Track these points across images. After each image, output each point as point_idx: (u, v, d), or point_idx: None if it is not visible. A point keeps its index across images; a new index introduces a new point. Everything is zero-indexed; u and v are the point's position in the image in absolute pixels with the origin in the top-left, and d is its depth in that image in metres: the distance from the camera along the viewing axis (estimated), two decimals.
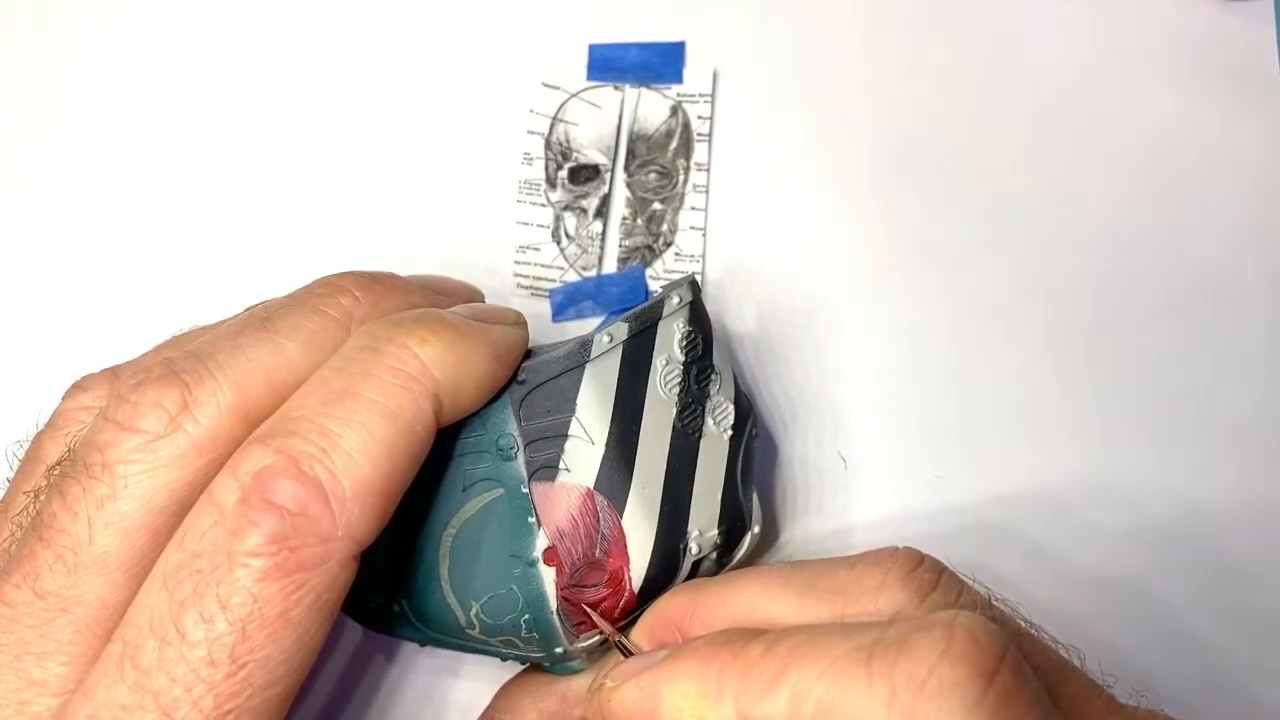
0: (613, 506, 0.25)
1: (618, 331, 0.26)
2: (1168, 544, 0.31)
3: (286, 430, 0.21)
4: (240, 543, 0.20)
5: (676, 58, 0.34)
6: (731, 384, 0.27)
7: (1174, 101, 0.34)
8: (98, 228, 0.34)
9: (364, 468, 0.21)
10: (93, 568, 0.21)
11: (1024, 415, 0.31)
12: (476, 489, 0.25)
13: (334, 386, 0.22)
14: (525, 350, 0.26)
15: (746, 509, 0.27)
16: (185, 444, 0.22)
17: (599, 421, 0.25)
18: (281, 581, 0.20)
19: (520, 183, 0.33)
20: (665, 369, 0.26)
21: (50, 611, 0.21)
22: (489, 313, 0.26)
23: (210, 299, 0.33)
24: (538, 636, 0.25)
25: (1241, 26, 0.34)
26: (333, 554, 0.21)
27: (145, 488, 0.21)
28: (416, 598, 0.25)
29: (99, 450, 0.22)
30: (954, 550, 0.31)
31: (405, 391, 0.22)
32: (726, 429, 0.27)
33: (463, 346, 0.23)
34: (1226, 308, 0.32)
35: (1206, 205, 0.33)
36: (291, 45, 0.35)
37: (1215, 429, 0.31)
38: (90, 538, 0.21)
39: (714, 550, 0.26)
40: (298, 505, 0.20)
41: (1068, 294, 0.32)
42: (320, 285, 0.25)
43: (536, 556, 0.24)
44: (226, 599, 0.20)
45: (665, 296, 0.26)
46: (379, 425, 0.21)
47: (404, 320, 0.23)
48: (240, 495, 0.20)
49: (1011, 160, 0.33)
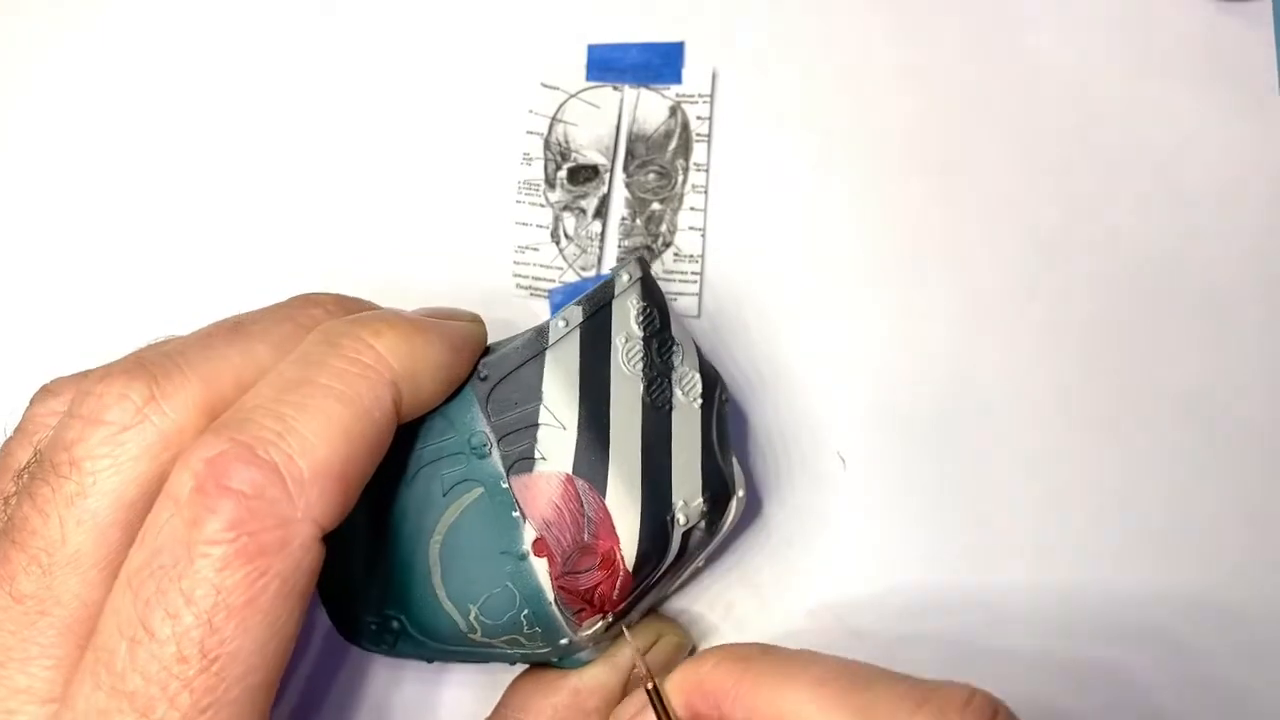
0: (594, 489, 0.24)
1: (572, 315, 0.25)
2: (1167, 544, 0.31)
3: (241, 419, 0.21)
4: (198, 532, 0.20)
5: (675, 58, 0.34)
6: (695, 354, 0.27)
7: (1173, 101, 0.34)
8: (83, 229, 0.34)
9: (320, 449, 0.21)
10: (68, 567, 0.21)
11: (1023, 415, 0.31)
12: (456, 491, 0.24)
13: (290, 377, 0.22)
14: (484, 346, 0.26)
15: (728, 474, 0.27)
16: (153, 435, 0.21)
17: (567, 406, 0.25)
18: (244, 568, 0.19)
19: (519, 183, 0.33)
20: (626, 346, 0.26)
21: (29, 615, 0.21)
22: (448, 313, 0.26)
23: (208, 300, 0.33)
24: (540, 631, 0.25)
25: (1240, 27, 0.34)
26: (293, 537, 0.20)
27: (114, 483, 0.21)
28: (414, 611, 0.25)
29: (65, 448, 0.21)
30: (954, 550, 0.31)
31: (362, 379, 0.22)
32: (696, 398, 0.27)
33: (418, 338, 0.23)
34: (1226, 307, 0.32)
35: (1205, 205, 0.33)
36: (291, 45, 0.35)
37: (1215, 429, 0.31)
38: (63, 537, 0.21)
39: (701, 519, 0.26)
40: (254, 488, 0.20)
41: (1067, 294, 0.32)
42: (295, 298, 0.25)
43: (526, 550, 0.24)
44: (190, 592, 0.19)
45: (615, 275, 0.26)
46: (336, 410, 0.21)
47: (360, 317, 0.23)
48: (195, 484, 0.20)
49: (1011, 160, 0.33)
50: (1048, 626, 0.30)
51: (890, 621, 0.30)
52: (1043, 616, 0.30)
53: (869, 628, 0.30)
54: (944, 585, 0.30)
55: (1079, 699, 0.30)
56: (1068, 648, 0.30)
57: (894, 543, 0.31)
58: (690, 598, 0.31)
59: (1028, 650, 0.30)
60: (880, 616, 0.30)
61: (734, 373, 0.32)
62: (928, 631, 0.30)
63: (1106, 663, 0.30)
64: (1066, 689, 0.30)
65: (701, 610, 0.31)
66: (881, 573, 0.31)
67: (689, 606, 0.31)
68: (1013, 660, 0.30)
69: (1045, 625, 0.30)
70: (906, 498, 0.31)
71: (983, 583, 0.30)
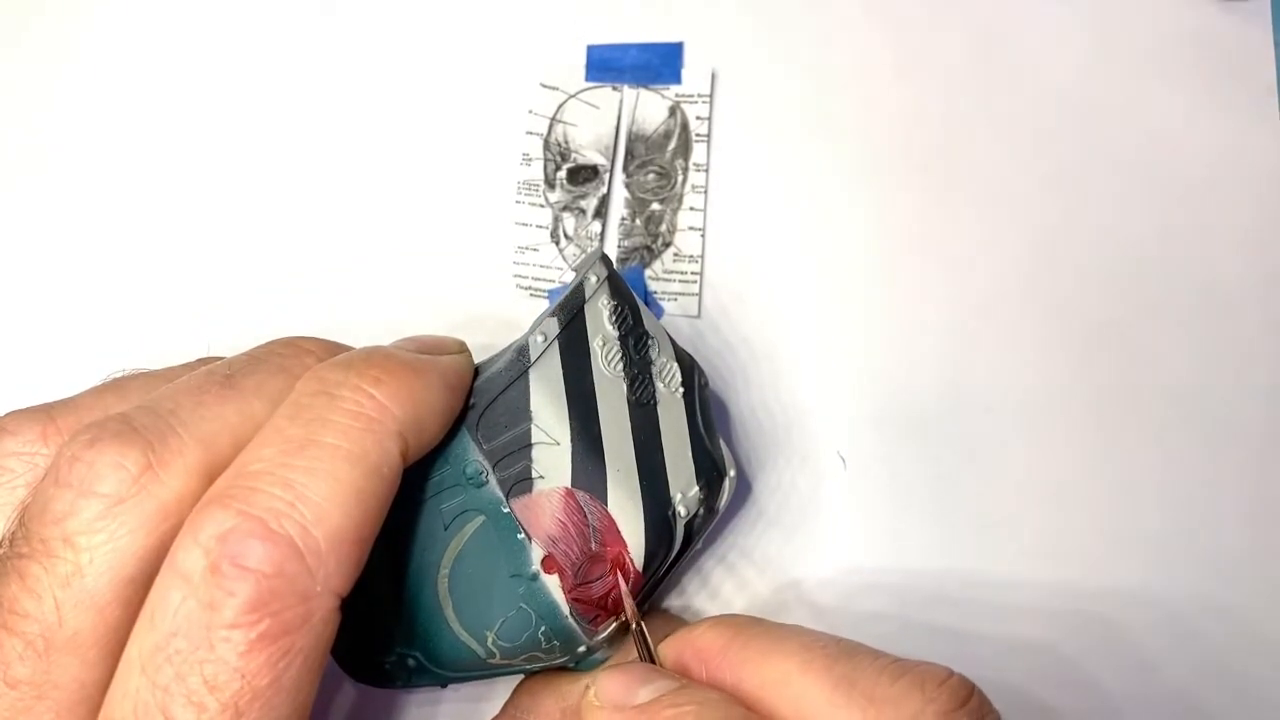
0: (595, 498, 0.25)
1: (549, 328, 0.25)
2: (1167, 543, 0.31)
3: (247, 487, 0.20)
4: (217, 615, 0.19)
5: (675, 58, 0.34)
6: (669, 343, 0.27)
7: (1172, 101, 0.34)
8: (81, 229, 0.34)
9: (334, 516, 0.20)
10: (65, 650, 0.20)
11: (1023, 415, 0.32)
12: (457, 524, 0.24)
13: (291, 435, 0.21)
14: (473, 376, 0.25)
15: (718, 456, 0.27)
16: (151, 507, 0.20)
17: (558, 420, 0.25)
18: (267, 650, 0.19)
19: (519, 183, 0.33)
20: (604, 349, 0.26)
21: (25, 700, 0.20)
22: (434, 344, 0.25)
23: (208, 300, 0.33)
24: (559, 643, 0.25)
25: (1240, 27, 0.34)
26: (315, 611, 0.20)
27: (112, 560, 0.20)
28: (429, 646, 0.25)
29: (56, 522, 0.20)
30: (953, 550, 0.31)
31: (368, 434, 0.21)
32: (677, 388, 0.27)
33: (417, 382, 0.22)
34: (1226, 307, 0.32)
35: (1205, 204, 0.33)
36: (291, 45, 0.35)
37: (1215, 429, 0.31)
38: (59, 620, 0.20)
39: (700, 506, 0.26)
40: (272, 566, 0.19)
41: (1067, 294, 0.32)
42: (281, 345, 0.24)
43: (536, 569, 0.24)
44: (213, 678, 0.18)
45: (583, 279, 0.26)
46: (345, 471, 0.20)
47: (353, 361, 0.22)
48: (208, 563, 0.19)
49: (1011, 160, 0.33)
50: (1038, 620, 0.30)
51: (877, 607, 0.30)
52: (1034, 610, 0.30)
53: (856, 611, 0.30)
54: (944, 577, 0.31)
55: (1068, 695, 0.30)
56: (1059, 642, 0.30)
57: (891, 535, 0.31)
58: (681, 585, 0.31)
59: (1015, 642, 0.30)
60: (870, 602, 0.30)
61: (734, 372, 0.32)
62: (917, 620, 0.30)
63: (1106, 662, 0.30)
64: (1054, 682, 0.30)
65: (690, 596, 0.31)
66: (874, 562, 0.31)
67: (678, 596, 0.31)
68: (998, 651, 0.30)
69: (1036, 619, 0.30)
70: (906, 496, 0.31)
71: (975, 577, 0.31)
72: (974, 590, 0.30)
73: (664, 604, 0.31)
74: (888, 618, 0.30)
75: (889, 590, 0.31)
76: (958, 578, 0.30)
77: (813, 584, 0.31)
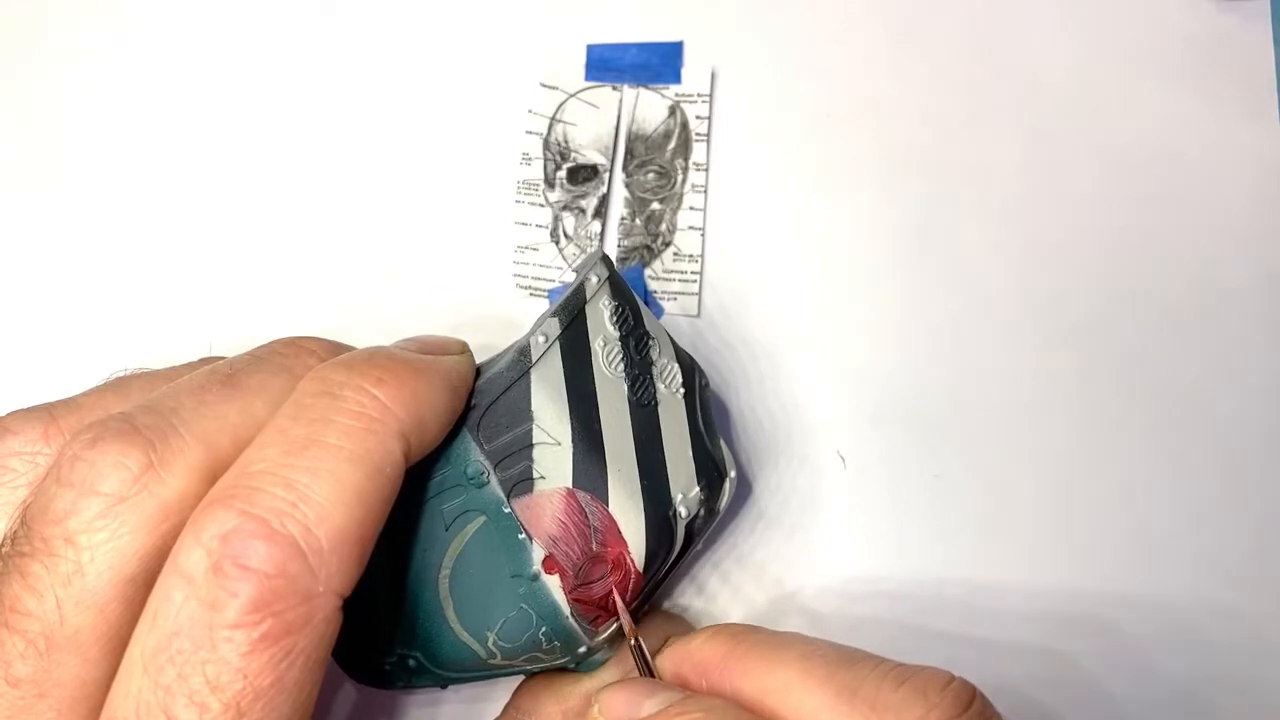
0: (595, 498, 0.25)
1: (550, 329, 0.25)
2: (1167, 544, 0.31)
3: (249, 487, 0.20)
4: (220, 615, 0.19)
5: (675, 58, 0.34)
6: (669, 343, 0.27)
7: (1172, 101, 0.34)
8: (82, 229, 0.34)
9: (336, 516, 0.20)
10: (67, 649, 0.20)
11: (1023, 414, 0.32)
12: (458, 524, 0.24)
13: (294, 435, 0.21)
14: (474, 376, 0.25)
15: (718, 457, 0.27)
16: (153, 506, 0.20)
17: (559, 421, 0.25)
18: (270, 650, 0.19)
19: (519, 183, 0.33)
20: (605, 350, 0.26)
21: (26, 699, 0.20)
22: (436, 344, 0.25)
23: (207, 300, 0.33)
24: (560, 644, 0.25)
25: (1239, 26, 0.34)
26: (317, 611, 0.20)
27: (113, 559, 0.20)
28: (430, 646, 0.25)
29: (57, 521, 0.20)
30: (953, 550, 0.31)
31: (371, 434, 0.21)
32: (678, 389, 0.27)
33: (419, 383, 0.22)
34: (1225, 307, 0.32)
35: (1205, 205, 0.33)
36: (291, 45, 0.35)
37: (1215, 429, 0.31)
38: (61, 619, 0.20)
39: (700, 507, 0.26)
40: (275, 566, 0.19)
41: (1067, 294, 0.32)
42: (284, 345, 0.24)
43: (537, 570, 0.24)
44: (215, 678, 0.19)
45: (584, 279, 0.26)
46: (347, 471, 0.20)
47: (355, 361, 0.22)
48: (210, 563, 0.19)
49: (1011, 160, 0.33)
50: (1039, 622, 0.30)
51: (877, 611, 0.30)
52: (1035, 612, 0.30)
53: (854, 616, 0.30)
54: (943, 578, 0.31)
55: (1069, 697, 0.30)
56: (1061, 644, 0.30)
57: (891, 535, 0.31)
58: (680, 587, 0.31)
59: (1016, 644, 0.30)
60: (870, 605, 0.30)
61: (734, 371, 0.32)
62: (917, 623, 0.30)
63: (1107, 664, 0.30)
64: (1055, 685, 0.30)
65: (691, 598, 0.31)
66: (873, 563, 0.31)
67: (679, 597, 0.31)
68: (999, 654, 0.30)
69: (1037, 621, 0.30)
70: (906, 496, 0.31)
71: (975, 577, 0.31)
72: (974, 592, 0.30)
73: (663, 606, 0.31)
74: (887, 621, 0.30)
75: (889, 592, 0.31)
76: (958, 578, 0.31)
77: (812, 587, 0.31)
